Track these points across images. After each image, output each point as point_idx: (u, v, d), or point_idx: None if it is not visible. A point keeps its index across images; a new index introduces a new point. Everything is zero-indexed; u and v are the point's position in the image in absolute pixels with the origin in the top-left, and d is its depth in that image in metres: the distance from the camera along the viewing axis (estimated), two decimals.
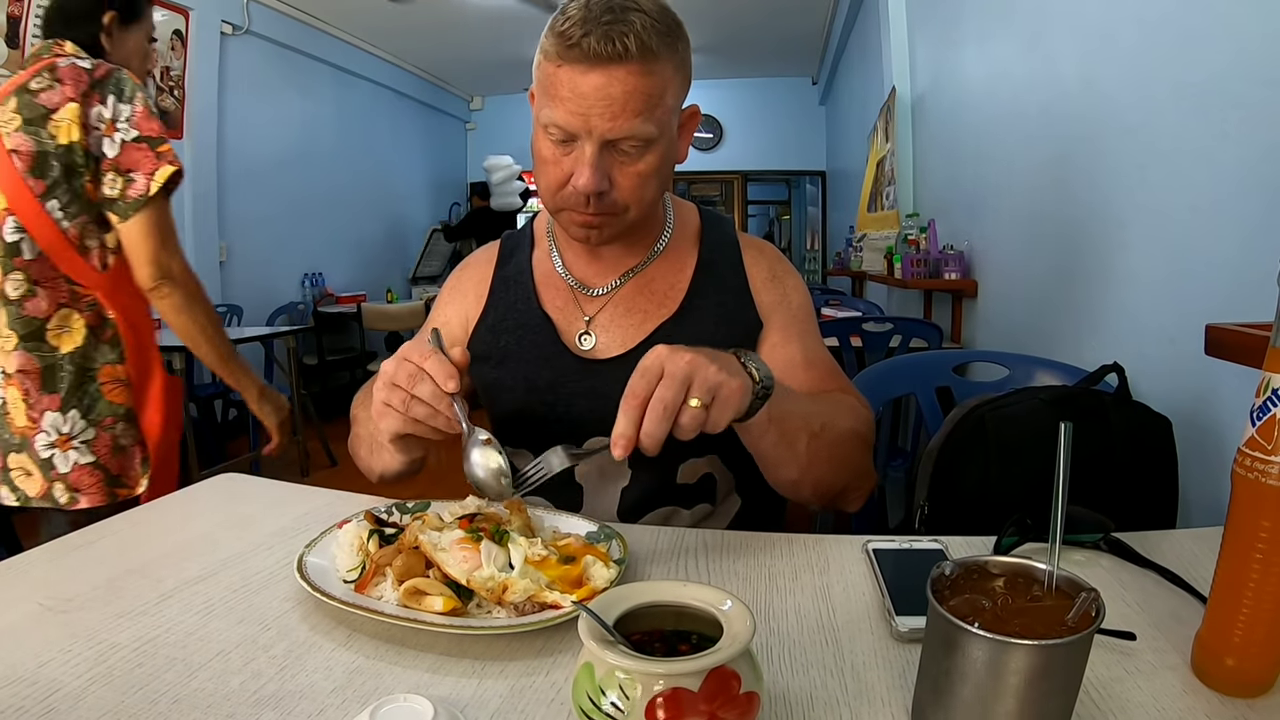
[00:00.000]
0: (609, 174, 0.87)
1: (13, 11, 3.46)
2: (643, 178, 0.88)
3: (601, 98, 0.82)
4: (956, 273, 2.79)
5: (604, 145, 0.85)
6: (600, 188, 0.86)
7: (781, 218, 12.22)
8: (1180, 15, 1.35)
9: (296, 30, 5.59)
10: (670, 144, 0.91)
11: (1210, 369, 1.05)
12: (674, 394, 0.66)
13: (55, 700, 0.52)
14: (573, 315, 1.02)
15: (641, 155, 0.87)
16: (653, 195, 0.92)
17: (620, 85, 0.82)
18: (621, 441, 0.66)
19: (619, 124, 0.83)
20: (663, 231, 1.05)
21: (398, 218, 7.43)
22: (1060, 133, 1.92)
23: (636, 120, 0.83)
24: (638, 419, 0.66)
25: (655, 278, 1.02)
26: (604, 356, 0.98)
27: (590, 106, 0.82)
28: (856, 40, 5.53)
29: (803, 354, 1.00)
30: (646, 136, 0.85)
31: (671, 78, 0.87)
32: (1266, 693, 0.52)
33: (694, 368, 0.67)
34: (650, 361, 0.68)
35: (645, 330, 0.99)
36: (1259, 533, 0.50)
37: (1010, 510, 0.73)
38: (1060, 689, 0.44)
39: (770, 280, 1.04)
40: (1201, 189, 1.27)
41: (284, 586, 0.70)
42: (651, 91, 0.84)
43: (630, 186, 0.88)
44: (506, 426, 1.03)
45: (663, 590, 0.50)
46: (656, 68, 0.84)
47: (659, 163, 0.89)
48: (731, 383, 0.69)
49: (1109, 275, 1.63)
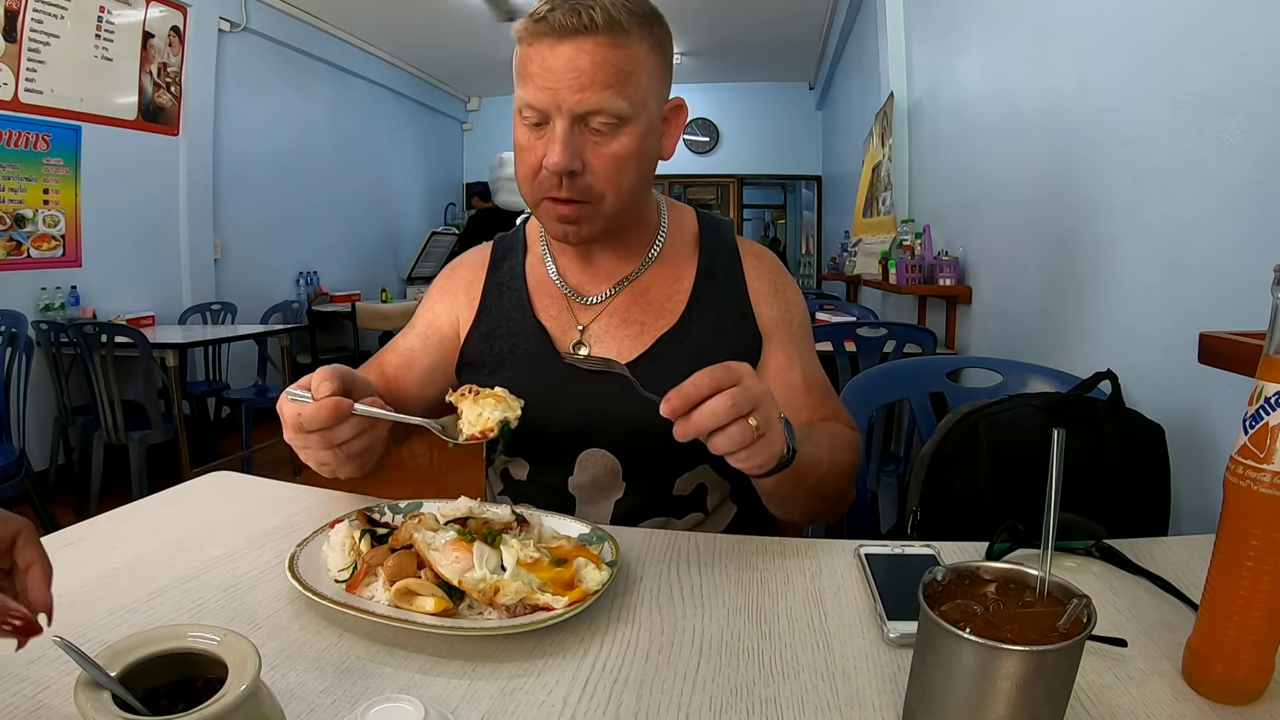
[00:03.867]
0: (581, 154, 0.85)
1: (10, 5, 3.45)
2: (618, 160, 0.86)
3: (569, 70, 0.81)
4: (951, 279, 2.80)
5: (575, 122, 0.84)
6: (570, 165, 0.84)
7: (777, 222, 12.25)
8: (1176, 25, 1.36)
9: (294, 28, 5.58)
10: (649, 131, 0.88)
11: (1203, 377, 1.06)
12: (743, 403, 0.67)
13: (46, 697, 0.52)
14: (567, 324, 1.00)
15: (614, 135, 0.85)
16: (630, 183, 0.89)
17: (588, 57, 0.81)
18: (675, 403, 0.67)
19: (587, 95, 0.82)
20: (656, 236, 1.02)
21: (393, 217, 7.41)
22: (1056, 140, 1.92)
23: (606, 93, 0.82)
24: (696, 399, 0.67)
25: (651, 286, 1.00)
26: (597, 367, 0.97)
27: (559, 80, 0.82)
28: (854, 46, 5.54)
29: (803, 378, 1.00)
30: (618, 112, 0.83)
31: (646, 58, 0.85)
32: (1256, 700, 0.52)
33: (766, 400, 0.70)
34: (738, 369, 0.69)
35: (643, 342, 0.97)
36: (1250, 540, 0.50)
37: (1002, 516, 0.74)
38: (1051, 695, 0.44)
39: (772, 295, 1.02)
40: (1195, 197, 1.28)
41: (275, 586, 0.70)
42: (621, 65, 0.83)
43: (604, 169, 0.86)
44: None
45: (161, 637, 0.44)
46: (626, 43, 0.83)
47: (635, 146, 0.86)
48: (777, 437, 0.72)
49: (1103, 283, 1.63)
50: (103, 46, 3.94)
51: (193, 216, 4.62)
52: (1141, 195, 1.46)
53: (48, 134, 3.69)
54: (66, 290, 3.78)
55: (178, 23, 4.43)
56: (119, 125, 4.09)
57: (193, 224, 4.62)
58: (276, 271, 5.62)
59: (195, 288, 4.68)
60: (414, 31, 6.34)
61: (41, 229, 3.71)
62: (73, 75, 3.77)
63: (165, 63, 4.36)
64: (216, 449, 4.21)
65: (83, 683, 0.39)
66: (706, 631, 0.62)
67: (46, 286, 3.71)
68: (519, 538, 0.70)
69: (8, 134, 3.51)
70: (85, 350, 3.15)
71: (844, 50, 6.06)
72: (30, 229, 3.66)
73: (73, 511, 3.32)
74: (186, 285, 4.65)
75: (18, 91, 3.52)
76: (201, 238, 4.71)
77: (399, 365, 1.05)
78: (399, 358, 1.06)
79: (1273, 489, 0.49)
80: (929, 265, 2.92)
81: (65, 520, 1.31)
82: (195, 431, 3.89)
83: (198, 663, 0.42)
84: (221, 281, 4.91)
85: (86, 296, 3.89)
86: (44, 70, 3.63)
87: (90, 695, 0.38)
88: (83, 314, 3.82)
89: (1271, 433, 0.49)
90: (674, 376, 0.84)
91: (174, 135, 4.48)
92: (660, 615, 0.65)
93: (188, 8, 4.47)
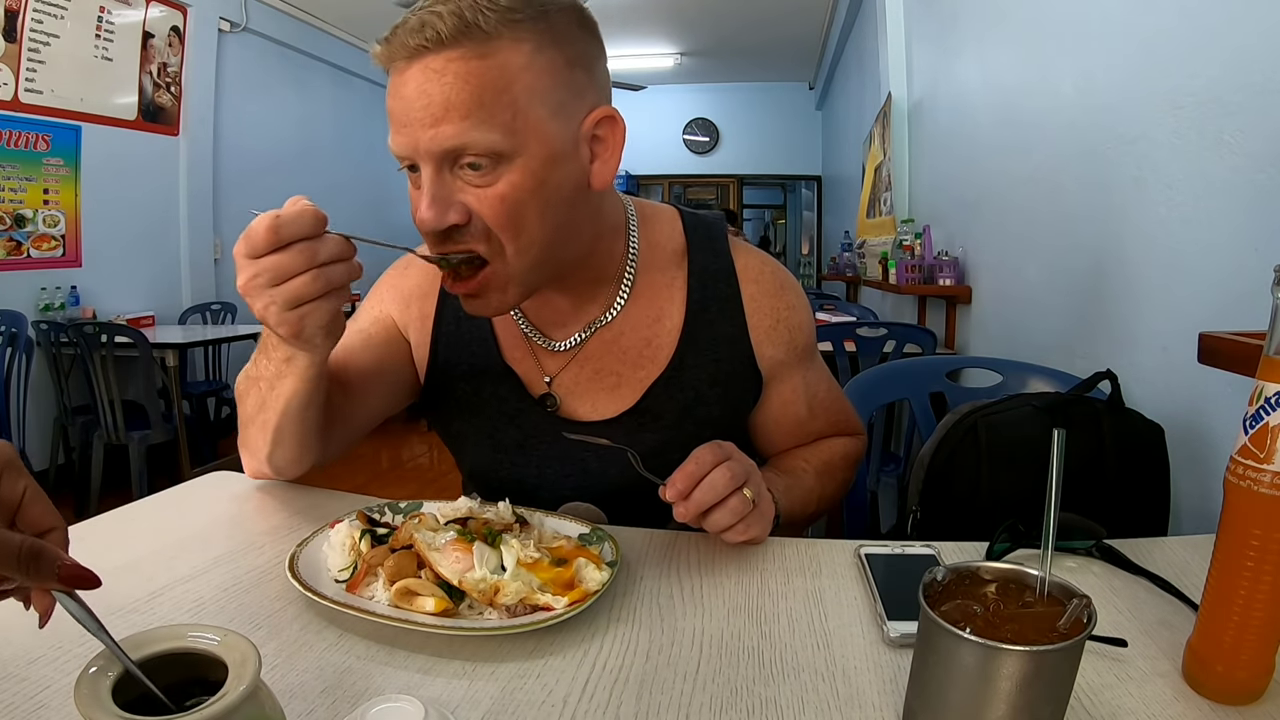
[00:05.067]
0: (457, 202, 0.68)
1: (10, 5, 3.45)
2: (506, 204, 0.68)
3: (420, 99, 0.65)
4: (951, 279, 2.80)
5: (442, 165, 0.67)
6: (440, 222, 0.68)
7: (777, 222, 12.26)
8: (1177, 25, 1.36)
9: (294, 28, 5.58)
10: (550, 160, 0.69)
11: (1203, 377, 1.06)
12: (739, 474, 0.70)
13: (45, 697, 0.52)
14: (533, 370, 0.88)
15: (494, 173, 0.67)
16: (534, 232, 0.70)
17: (437, 80, 0.64)
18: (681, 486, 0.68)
19: (441, 131, 0.65)
20: (625, 266, 0.86)
21: (393, 217, 7.40)
22: (1056, 140, 1.92)
23: (464, 124, 0.65)
24: (699, 476, 0.68)
25: (625, 331, 0.86)
26: (575, 418, 0.87)
27: (411, 114, 0.66)
28: (854, 46, 5.55)
29: (808, 405, 0.95)
30: (488, 148, 0.66)
31: (527, 65, 0.66)
32: (1257, 700, 0.52)
33: (754, 472, 0.73)
34: (726, 446, 0.71)
35: (622, 397, 0.86)
36: (1250, 540, 0.50)
37: (1002, 516, 0.74)
38: (1051, 695, 0.44)
39: (773, 329, 0.90)
40: (1195, 197, 1.28)
41: (275, 585, 0.69)
42: (485, 83, 0.65)
43: (494, 217, 0.68)
44: (478, 480, 0.95)
45: (161, 637, 0.43)
46: (491, 50, 0.65)
47: (529, 184, 0.68)
48: (769, 508, 0.74)
49: (1103, 283, 1.63)
50: (103, 46, 3.94)
51: (193, 216, 4.63)
52: (1141, 195, 1.46)
53: (48, 134, 3.70)
54: (66, 290, 3.78)
55: (178, 23, 4.44)
56: (119, 125, 4.09)
57: (193, 224, 4.63)
58: None
59: (195, 287, 4.69)
60: None
61: (41, 229, 3.72)
62: (73, 75, 3.77)
63: (165, 63, 4.36)
64: (216, 449, 4.21)
65: (83, 682, 0.39)
66: (706, 631, 0.62)
67: (46, 286, 3.71)
68: (519, 538, 0.70)
69: (8, 134, 3.51)
70: (85, 350, 3.15)
71: (844, 50, 6.06)
72: (30, 229, 3.66)
73: (73, 511, 3.32)
74: (186, 285, 4.66)
75: (18, 91, 3.52)
76: (201, 237, 4.72)
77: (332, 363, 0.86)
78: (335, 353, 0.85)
79: (1273, 489, 0.49)
80: (929, 265, 2.92)
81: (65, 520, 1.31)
82: (195, 431, 3.89)
83: (198, 663, 0.42)
84: (221, 281, 4.91)
85: (86, 296, 3.89)
86: (44, 70, 3.63)
87: (90, 695, 0.38)
88: (83, 314, 3.82)
89: (1271, 433, 0.49)
90: (664, 432, 0.86)
91: (174, 135, 4.48)
92: (660, 615, 0.65)
93: (188, 8, 4.47)
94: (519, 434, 0.88)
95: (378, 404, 0.91)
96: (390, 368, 0.91)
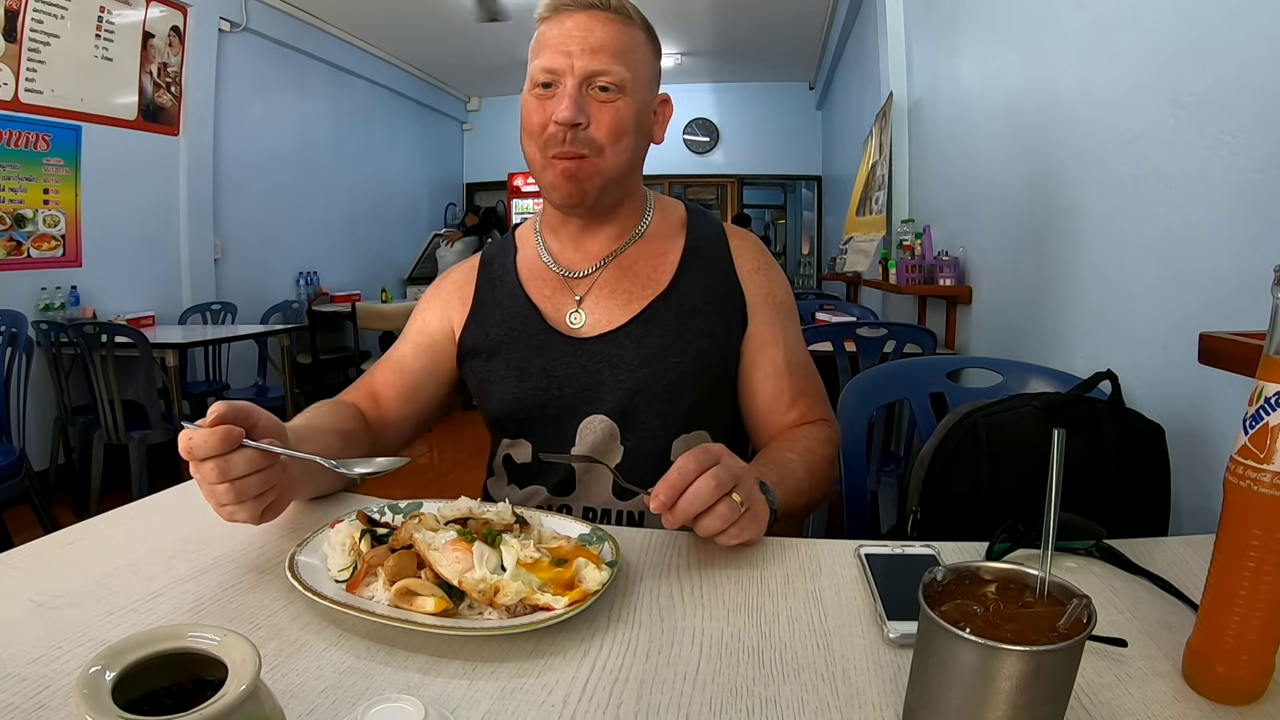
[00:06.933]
0: (585, 110, 0.95)
1: (10, 5, 3.45)
2: (618, 120, 0.96)
3: (584, 35, 0.94)
4: (951, 279, 2.80)
5: (583, 83, 0.94)
6: (576, 118, 0.94)
7: (777, 222, 12.26)
8: (1177, 25, 1.36)
9: (294, 28, 5.58)
10: (644, 107, 0.99)
11: (1203, 377, 1.06)
12: (725, 480, 0.71)
13: (46, 696, 0.52)
14: (560, 300, 1.06)
15: (616, 99, 0.96)
16: (627, 145, 0.98)
17: (600, 28, 0.95)
18: (664, 496, 0.70)
19: (598, 59, 0.94)
20: (643, 218, 1.10)
21: (393, 217, 7.42)
22: (1056, 140, 1.92)
23: (612, 61, 0.94)
24: (682, 487, 0.70)
25: (637, 260, 1.07)
26: (591, 334, 1.03)
27: (574, 43, 0.94)
28: (854, 46, 5.55)
29: (785, 357, 1.06)
30: (620, 80, 0.95)
31: (644, 45, 1.00)
32: (1257, 700, 0.52)
33: (746, 475, 0.75)
34: (715, 449, 0.74)
35: (632, 310, 1.03)
36: (1251, 541, 0.50)
37: (1002, 516, 0.74)
38: (1051, 695, 0.44)
39: (755, 271, 1.09)
40: (1195, 197, 1.28)
41: (275, 586, 0.69)
42: (625, 44, 0.96)
43: (606, 126, 0.96)
44: (504, 419, 1.06)
45: (161, 637, 0.43)
46: (630, 28, 0.97)
47: (633, 113, 0.97)
48: (762, 510, 0.76)
49: (1103, 283, 1.63)
50: (103, 46, 3.94)
51: (193, 216, 4.63)
52: (1141, 195, 1.46)
53: (48, 134, 3.70)
54: (66, 290, 3.78)
55: (178, 23, 4.44)
56: (119, 125, 4.09)
57: (193, 224, 4.63)
58: (276, 271, 5.63)
59: (195, 287, 4.69)
60: (414, 31, 6.34)
61: (41, 229, 3.72)
62: (73, 75, 3.78)
63: (165, 63, 4.37)
64: None
65: (83, 683, 0.39)
66: (706, 631, 0.62)
67: (46, 286, 3.71)
68: (519, 538, 0.70)
69: (8, 134, 3.51)
70: (85, 350, 3.15)
71: (844, 50, 6.06)
72: (30, 229, 3.67)
73: (73, 511, 3.32)
74: (186, 285, 4.66)
75: (18, 91, 3.53)
76: (201, 237, 4.72)
77: (390, 372, 1.10)
78: (391, 365, 1.11)
79: (1273, 489, 0.49)
80: (929, 265, 2.93)
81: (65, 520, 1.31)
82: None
83: (198, 663, 0.42)
84: (222, 281, 4.91)
85: (86, 296, 3.89)
86: (44, 70, 3.63)
87: (90, 695, 0.38)
88: (83, 314, 3.82)
89: (1272, 433, 0.49)
90: (665, 336, 1.02)
91: (174, 135, 4.48)
92: (660, 615, 0.65)
93: (188, 8, 4.47)
94: (543, 360, 1.03)
95: (425, 401, 1.11)
96: (434, 368, 1.11)
